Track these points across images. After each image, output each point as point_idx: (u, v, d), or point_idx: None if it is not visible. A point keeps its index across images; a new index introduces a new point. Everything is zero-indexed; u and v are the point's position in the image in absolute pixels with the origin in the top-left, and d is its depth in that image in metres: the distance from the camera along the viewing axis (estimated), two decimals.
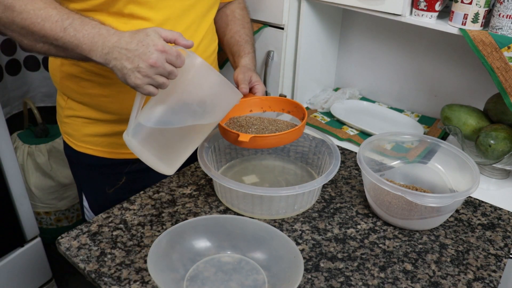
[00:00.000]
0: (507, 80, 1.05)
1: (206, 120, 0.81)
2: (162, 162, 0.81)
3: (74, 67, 0.94)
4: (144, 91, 0.74)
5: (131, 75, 0.73)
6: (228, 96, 0.81)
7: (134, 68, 0.72)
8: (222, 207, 0.91)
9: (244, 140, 0.84)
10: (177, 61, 0.74)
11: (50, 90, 2.05)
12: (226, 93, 0.81)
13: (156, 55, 0.72)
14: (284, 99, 0.98)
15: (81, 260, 0.78)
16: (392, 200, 0.84)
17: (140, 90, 0.74)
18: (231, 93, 0.81)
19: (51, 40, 0.76)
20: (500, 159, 1.08)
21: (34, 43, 0.78)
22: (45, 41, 0.77)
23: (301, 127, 0.89)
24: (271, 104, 0.97)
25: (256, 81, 0.96)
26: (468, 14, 1.06)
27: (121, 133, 0.99)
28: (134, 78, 0.73)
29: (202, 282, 0.74)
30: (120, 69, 0.73)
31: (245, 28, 1.08)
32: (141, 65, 0.72)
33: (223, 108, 0.83)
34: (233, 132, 0.86)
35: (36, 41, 0.78)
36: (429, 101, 1.48)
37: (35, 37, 0.77)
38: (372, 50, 1.53)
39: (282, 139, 0.87)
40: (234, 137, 0.86)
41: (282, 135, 0.86)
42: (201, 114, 0.80)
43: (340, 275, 0.77)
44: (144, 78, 0.73)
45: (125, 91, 0.94)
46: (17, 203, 1.38)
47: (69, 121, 1.01)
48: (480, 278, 0.77)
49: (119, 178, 1.05)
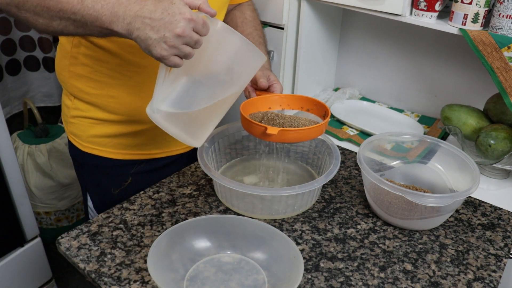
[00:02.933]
0: (507, 80, 1.05)
1: (234, 88, 0.78)
2: (188, 135, 0.78)
3: (83, 67, 0.94)
4: (170, 62, 0.70)
5: (157, 46, 0.68)
6: (254, 60, 0.78)
7: (159, 38, 0.68)
8: (222, 207, 0.91)
9: (273, 133, 0.83)
10: (203, 29, 0.70)
11: (50, 90, 2.05)
12: (252, 56, 0.77)
13: (183, 23, 0.67)
14: (303, 97, 0.98)
15: (81, 260, 0.78)
16: (392, 200, 0.84)
17: (166, 62, 0.70)
18: (257, 56, 0.77)
19: (69, 14, 0.71)
20: (500, 159, 1.08)
21: (50, 21, 0.74)
22: (62, 17, 0.72)
23: (325, 123, 0.90)
24: (290, 102, 0.97)
25: (274, 80, 0.96)
26: (468, 14, 1.06)
27: (128, 134, 0.99)
28: (160, 49, 0.68)
29: (202, 282, 0.74)
30: (144, 40, 0.69)
31: (257, 30, 1.08)
32: (167, 35, 0.67)
33: (249, 73, 0.80)
34: (261, 125, 0.86)
35: (52, 18, 0.73)
36: (429, 101, 1.48)
37: (51, 13, 0.72)
38: (372, 50, 1.53)
39: (309, 134, 0.87)
40: (261, 130, 0.85)
41: (309, 130, 0.86)
42: (229, 83, 0.76)
43: (340, 275, 0.77)
44: (171, 49, 0.69)
45: (134, 92, 0.94)
46: (17, 203, 1.38)
47: (75, 122, 1.01)
48: (480, 278, 0.77)
49: (125, 179, 1.04)
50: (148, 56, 0.90)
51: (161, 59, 0.70)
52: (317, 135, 0.89)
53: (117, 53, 0.90)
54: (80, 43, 0.92)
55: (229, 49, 0.75)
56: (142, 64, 0.92)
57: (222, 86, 0.76)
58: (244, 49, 0.76)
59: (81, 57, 0.93)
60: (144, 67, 0.92)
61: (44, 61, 1.99)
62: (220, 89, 0.76)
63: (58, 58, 1.00)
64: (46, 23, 0.74)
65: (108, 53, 0.91)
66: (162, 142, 1.03)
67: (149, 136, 1.01)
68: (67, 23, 0.73)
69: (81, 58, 0.93)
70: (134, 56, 0.91)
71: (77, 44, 0.93)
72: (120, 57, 0.91)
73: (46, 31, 0.77)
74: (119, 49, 0.90)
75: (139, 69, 0.92)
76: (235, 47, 0.75)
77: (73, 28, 0.74)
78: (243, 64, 0.77)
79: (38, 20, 0.75)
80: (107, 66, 0.92)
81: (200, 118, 0.79)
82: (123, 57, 0.91)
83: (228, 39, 0.75)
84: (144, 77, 0.93)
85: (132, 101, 0.94)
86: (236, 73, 0.77)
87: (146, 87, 0.93)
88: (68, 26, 0.74)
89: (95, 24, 0.71)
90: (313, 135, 0.89)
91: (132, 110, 0.95)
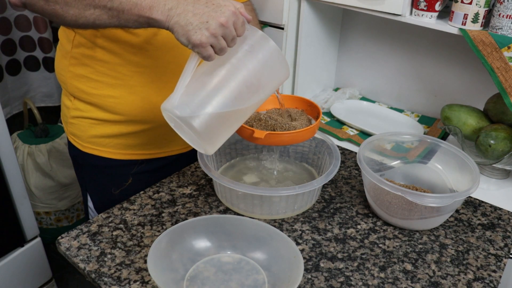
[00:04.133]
0: (507, 80, 1.05)
1: (259, 96, 0.76)
2: (203, 142, 0.76)
3: (83, 68, 0.93)
4: (205, 52, 0.68)
5: (198, 32, 0.66)
6: (281, 71, 0.77)
7: (201, 23, 0.66)
8: (222, 207, 0.91)
9: (259, 137, 0.84)
10: (241, 28, 0.69)
11: (50, 90, 2.05)
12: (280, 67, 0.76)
13: (228, 14, 0.67)
14: (298, 97, 0.98)
15: (81, 260, 0.78)
16: (392, 200, 0.84)
17: (202, 50, 0.68)
18: (285, 69, 0.77)
19: (105, 1, 0.70)
20: (500, 159, 1.08)
21: (82, 11, 0.72)
22: (97, 5, 0.71)
23: (315, 126, 0.89)
24: (286, 102, 0.98)
25: None
26: (468, 14, 1.06)
27: (129, 134, 0.99)
28: (200, 34, 0.66)
29: (202, 282, 0.74)
30: (184, 25, 0.67)
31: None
32: (210, 21, 0.66)
33: (274, 83, 0.78)
34: (248, 128, 0.86)
35: (85, 7, 0.72)
36: (429, 101, 1.48)
37: (84, 2, 0.71)
38: (372, 50, 1.53)
39: (296, 137, 0.87)
40: (249, 133, 0.86)
41: (297, 133, 0.86)
42: (255, 89, 0.75)
43: (340, 275, 0.77)
44: (210, 37, 0.67)
45: (135, 92, 0.94)
46: (17, 203, 1.38)
47: (75, 122, 1.00)
48: (480, 278, 0.77)
49: (126, 179, 1.04)
50: (150, 57, 0.91)
51: (199, 45, 0.67)
52: (305, 138, 0.89)
53: (118, 53, 0.90)
54: (80, 43, 0.92)
55: (262, 54, 0.74)
56: (143, 64, 0.92)
57: (250, 92, 0.74)
58: (275, 58, 0.75)
59: (82, 57, 0.93)
60: (145, 67, 0.92)
61: (44, 61, 1.99)
62: (248, 95, 0.74)
63: (58, 58, 0.99)
64: (78, 14, 0.73)
65: (109, 53, 0.91)
66: (163, 142, 1.03)
67: (150, 136, 1.01)
68: (101, 12, 0.71)
69: (81, 58, 0.93)
70: (135, 56, 0.91)
71: (77, 44, 0.93)
72: (121, 57, 0.91)
73: (76, 24, 0.75)
74: (120, 49, 0.90)
75: (140, 69, 0.92)
76: (268, 53, 0.74)
77: (106, 18, 0.72)
78: (272, 72, 0.76)
79: (68, 12, 0.73)
80: (108, 66, 0.92)
81: (219, 126, 0.76)
82: (124, 57, 0.91)
83: (263, 45, 0.73)
84: (145, 77, 0.93)
85: (133, 101, 0.94)
86: (264, 80, 0.75)
87: (147, 87, 0.93)
88: (101, 16, 0.72)
89: (132, 12, 0.69)
90: (301, 139, 0.88)
91: (132, 110, 0.95)
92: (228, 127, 0.77)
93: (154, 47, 0.90)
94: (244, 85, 0.73)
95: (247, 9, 1.09)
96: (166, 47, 0.90)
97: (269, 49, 0.74)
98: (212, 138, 0.76)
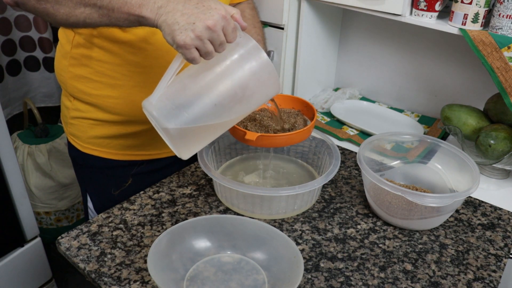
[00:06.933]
0: (507, 80, 1.05)
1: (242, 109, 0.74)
2: (176, 148, 0.74)
3: (83, 68, 0.93)
4: (189, 54, 0.66)
5: (182, 32, 0.65)
6: (270, 85, 0.74)
7: (187, 24, 0.64)
8: (222, 207, 0.91)
9: (250, 139, 0.83)
10: (231, 34, 0.67)
11: (50, 90, 2.05)
12: (270, 83, 0.73)
13: (217, 17, 0.65)
14: (294, 97, 0.97)
15: (81, 260, 0.78)
16: (392, 200, 0.84)
17: (185, 52, 0.66)
18: (275, 83, 0.74)
19: (95, 0, 0.70)
20: (500, 159, 1.08)
21: (72, 10, 0.72)
22: (87, 4, 0.71)
23: (310, 128, 0.89)
24: (282, 102, 0.97)
25: None
26: (468, 14, 1.06)
27: (129, 134, 0.99)
28: (184, 36, 0.64)
29: (202, 282, 0.74)
30: (171, 24, 0.65)
31: (256, 27, 1.07)
32: (197, 23, 0.64)
33: (260, 99, 0.75)
34: (240, 130, 0.86)
35: (75, 6, 0.71)
36: (429, 101, 1.48)
37: (74, 0, 0.71)
38: (372, 50, 1.53)
39: (289, 139, 0.86)
40: (241, 135, 0.86)
41: (289, 135, 0.85)
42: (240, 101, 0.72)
43: (340, 275, 0.77)
44: (195, 39, 0.65)
45: (134, 93, 0.94)
46: (17, 203, 1.38)
47: (75, 123, 1.00)
48: (480, 278, 0.77)
49: (125, 180, 1.04)
50: (149, 57, 0.91)
51: (183, 46, 0.66)
52: (298, 140, 0.88)
53: (117, 53, 0.90)
54: (79, 44, 0.92)
55: (250, 65, 0.71)
56: (143, 64, 0.92)
57: (232, 102, 0.72)
58: (264, 71, 0.71)
59: (81, 57, 0.93)
60: (144, 67, 0.92)
61: (44, 61, 1.99)
62: (230, 105, 0.72)
63: (58, 58, 0.99)
64: (68, 12, 0.73)
65: (108, 53, 0.91)
66: (162, 142, 1.03)
67: (150, 137, 1.01)
68: (91, 11, 0.71)
69: (80, 58, 0.93)
70: (134, 57, 0.90)
71: (77, 45, 0.93)
72: (120, 57, 0.91)
73: (67, 22, 0.75)
74: (119, 49, 0.90)
75: (139, 69, 0.92)
76: (257, 65, 0.71)
77: (97, 16, 0.72)
78: (259, 85, 0.73)
79: (59, 10, 0.73)
80: (108, 67, 0.92)
81: (198, 134, 0.74)
82: (123, 58, 0.91)
83: (254, 56, 0.71)
84: (144, 77, 0.93)
85: (133, 102, 0.94)
86: (249, 92, 0.72)
87: (147, 88, 0.93)
88: (92, 14, 0.72)
89: (122, 10, 0.69)
90: (294, 141, 0.87)
91: (132, 111, 0.95)
92: (204, 138, 0.76)
93: (153, 47, 0.90)
94: (227, 94, 0.71)
95: (247, 8, 1.09)
96: (166, 47, 0.90)
97: (259, 61, 0.71)
98: (186, 145, 0.74)
